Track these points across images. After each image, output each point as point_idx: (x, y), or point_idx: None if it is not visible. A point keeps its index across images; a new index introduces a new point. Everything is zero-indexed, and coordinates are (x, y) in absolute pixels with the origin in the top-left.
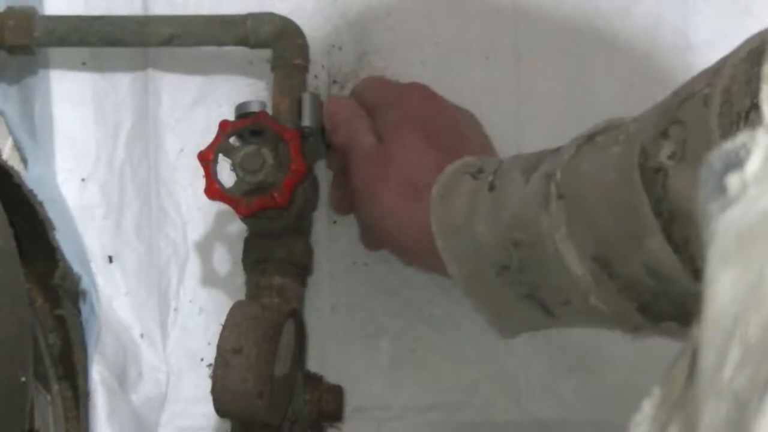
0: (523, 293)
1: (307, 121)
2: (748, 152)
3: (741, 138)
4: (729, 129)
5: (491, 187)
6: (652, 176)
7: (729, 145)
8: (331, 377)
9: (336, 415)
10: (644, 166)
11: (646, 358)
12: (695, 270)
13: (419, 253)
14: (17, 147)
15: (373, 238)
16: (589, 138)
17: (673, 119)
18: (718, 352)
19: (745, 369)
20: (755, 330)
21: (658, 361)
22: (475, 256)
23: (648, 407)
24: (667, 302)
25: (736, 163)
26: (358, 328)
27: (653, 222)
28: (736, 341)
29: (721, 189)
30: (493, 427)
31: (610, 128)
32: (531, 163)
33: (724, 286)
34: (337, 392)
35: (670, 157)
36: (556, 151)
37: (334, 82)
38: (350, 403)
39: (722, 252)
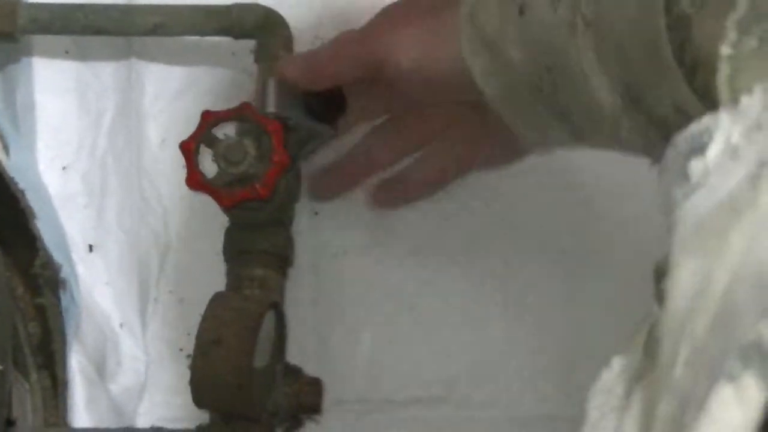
0: (556, 112)
1: (271, 107)
2: (710, 136)
3: (705, 120)
4: None
5: (521, 11)
6: (678, 23)
7: (695, 126)
8: (311, 370)
9: (315, 408)
10: (671, 11)
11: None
12: None
13: (447, 78)
14: None
15: (407, 85)
16: None
17: None
18: (672, 348)
19: (689, 369)
20: (700, 331)
21: None
22: (509, 75)
23: (606, 377)
24: None
25: (699, 147)
26: (339, 320)
27: (676, 69)
28: (686, 340)
29: (685, 175)
30: (472, 422)
31: None
32: None
33: (683, 277)
34: (316, 385)
35: (691, 5)
36: None
37: None
38: (330, 395)
39: (682, 241)
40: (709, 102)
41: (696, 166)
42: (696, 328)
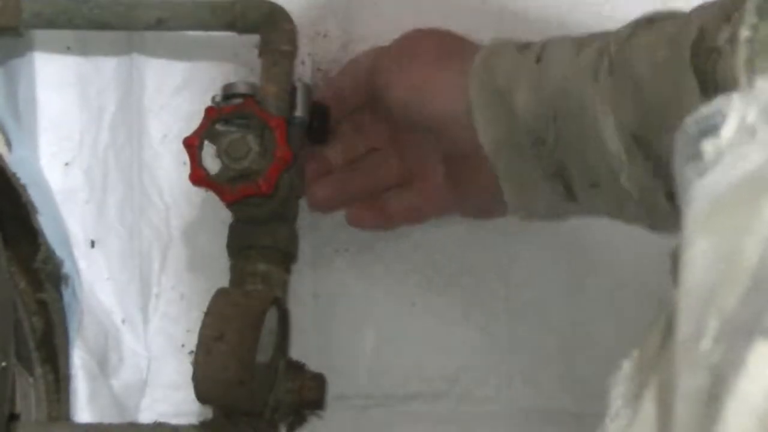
0: (551, 171)
1: (299, 111)
2: (723, 117)
3: (717, 102)
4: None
5: (538, 59)
6: (705, 55)
7: (705, 109)
8: (313, 365)
9: (318, 403)
10: (699, 45)
11: (629, 348)
12: None
13: (450, 123)
14: (1, 130)
15: (403, 115)
16: (648, 21)
17: (737, 6)
18: (696, 322)
19: (721, 342)
20: (732, 303)
21: None
22: (511, 124)
23: (627, 367)
24: None
25: (712, 128)
26: (340, 316)
27: (698, 101)
28: (713, 313)
29: (697, 155)
30: (474, 417)
31: (672, 15)
32: (585, 40)
33: (699, 253)
34: (319, 380)
35: (727, 41)
36: (610, 32)
37: (319, 69)
38: (332, 391)
39: (697, 218)
40: None
41: (709, 145)
42: (726, 301)
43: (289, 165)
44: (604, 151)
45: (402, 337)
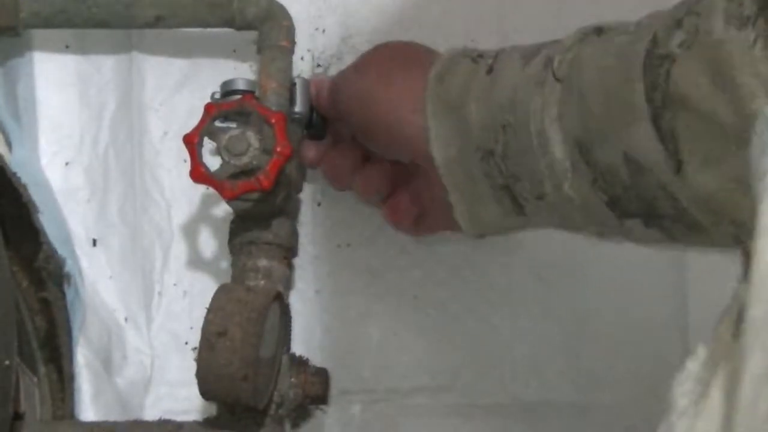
0: (499, 183)
1: (299, 107)
2: None
3: None
4: (738, 25)
5: (489, 70)
6: (657, 62)
7: None
8: (316, 360)
9: (321, 398)
10: (652, 52)
11: (630, 340)
12: (678, 161)
13: (403, 132)
14: (1, 130)
15: (357, 120)
16: (597, 30)
17: (690, 10)
18: (765, 309)
19: None
20: None
21: (642, 343)
22: (462, 138)
23: (692, 366)
24: (637, 197)
25: None
26: (343, 310)
27: (643, 108)
28: None
29: None
30: (477, 410)
31: (621, 25)
32: (532, 50)
33: None
34: (322, 375)
35: (680, 45)
36: (558, 40)
37: (318, 65)
38: (335, 385)
39: None
40: (671, 145)
41: None
42: None
43: (289, 160)
44: (549, 159)
45: (405, 330)
